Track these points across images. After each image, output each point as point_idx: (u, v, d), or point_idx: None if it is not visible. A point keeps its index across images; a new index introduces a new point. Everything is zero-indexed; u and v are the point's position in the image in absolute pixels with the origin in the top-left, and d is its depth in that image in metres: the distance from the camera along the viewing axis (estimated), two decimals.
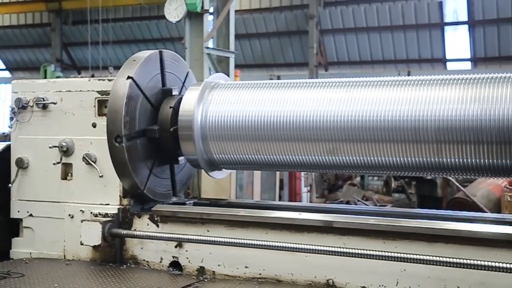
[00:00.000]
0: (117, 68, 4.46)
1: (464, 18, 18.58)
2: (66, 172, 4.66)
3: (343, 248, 3.70)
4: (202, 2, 12.10)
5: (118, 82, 4.24)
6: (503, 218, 4.49)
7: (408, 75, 17.74)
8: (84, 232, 4.35)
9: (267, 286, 3.89)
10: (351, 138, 3.85)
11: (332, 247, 3.71)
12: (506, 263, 3.27)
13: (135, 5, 21.93)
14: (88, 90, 4.64)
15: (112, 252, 4.43)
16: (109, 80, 4.51)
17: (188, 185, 5.08)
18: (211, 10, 13.11)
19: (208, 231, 4.20)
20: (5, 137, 7.16)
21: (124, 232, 4.39)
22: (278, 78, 20.07)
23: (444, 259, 3.41)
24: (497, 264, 3.29)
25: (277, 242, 3.87)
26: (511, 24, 17.71)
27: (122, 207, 4.48)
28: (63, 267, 4.40)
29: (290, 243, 3.84)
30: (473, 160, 3.60)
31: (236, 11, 14.88)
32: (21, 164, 4.74)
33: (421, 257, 3.48)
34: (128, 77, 4.20)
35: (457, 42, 18.92)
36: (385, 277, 3.66)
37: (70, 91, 4.70)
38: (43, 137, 4.70)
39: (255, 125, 4.10)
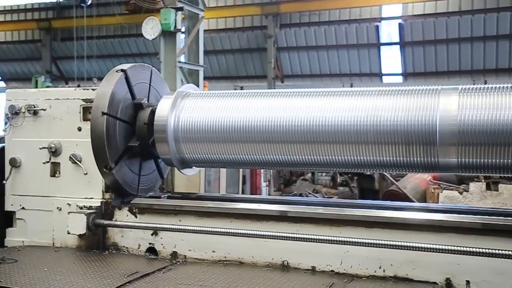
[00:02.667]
0: (100, 79, 4.41)
1: (396, 39, 18.90)
2: (55, 170, 4.59)
3: (296, 233, 3.73)
4: (175, 23, 12.07)
5: (95, 118, 4.15)
6: (428, 207, 4.60)
7: (351, 86, 17.96)
8: (71, 222, 4.29)
9: (232, 267, 3.88)
10: (303, 140, 3.88)
11: (286, 233, 3.75)
12: (430, 244, 3.36)
13: (116, 25, 21.68)
14: (74, 98, 4.57)
15: (96, 240, 4.37)
16: (93, 90, 4.45)
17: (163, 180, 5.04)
18: (183, 29, 13.06)
19: (180, 220, 4.17)
20: (0, 139, 6.97)
21: (106, 222, 4.33)
22: (241, 88, 20.07)
23: (380, 241, 3.48)
24: (423, 245, 3.38)
25: (240, 229, 3.89)
26: (433, 45, 18.14)
27: (104, 200, 4.42)
28: (52, 253, 4.32)
29: (251, 230, 3.85)
30: (404, 159, 3.68)
31: (204, 30, 14.83)
32: (14, 163, 4.66)
33: (361, 240, 3.54)
34: (102, 113, 4.12)
35: (391, 60, 19.25)
36: (331, 258, 3.70)
37: (58, 99, 4.63)
38: (34, 140, 4.61)
39: (222, 129, 4.09)
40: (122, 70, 4.31)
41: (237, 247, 3.96)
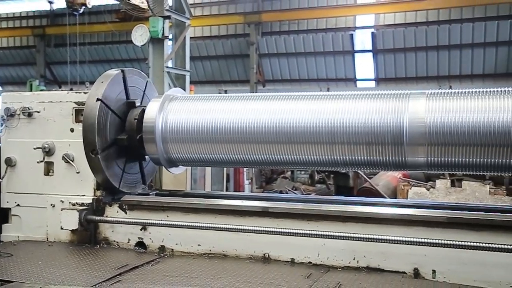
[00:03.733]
0: (93, 83, 4.37)
1: (369, 47, 19.03)
2: (48, 169, 4.54)
3: (276, 228, 3.73)
4: (163, 30, 12.03)
5: (89, 105, 4.12)
6: (398, 202, 4.64)
7: (328, 90, 18.06)
8: (64, 218, 4.24)
9: (216, 260, 3.87)
10: (283, 140, 3.89)
11: (267, 227, 3.75)
12: (400, 237, 3.39)
13: (107, 32, 21.49)
14: (67, 101, 4.53)
15: (88, 235, 4.33)
16: (85, 93, 4.41)
17: (151, 178, 5.01)
18: (170, 36, 13.02)
19: (167, 216, 4.15)
20: None
21: (98, 218, 4.29)
22: (225, 92, 20.06)
23: (354, 235, 3.50)
24: (393, 238, 3.41)
25: (224, 224, 3.88)
26: (403, 53, 18.32)
27: (96, 197, 4.38)
28: (46, 247, 4.28)
29: (235, 225, 3.85)
30: (376, 158, 3.70)
31: (191, 37, 14.77)
32: (10, 163, 4.60)
33: (337, 234, 3.55)
34: (97, 99, 4.10)
35: (364, 66, 19.38)
36: (309, 250, 3.71)
37: (51, 101, 4.58)
38: (28, 140, 4.56)
39: (207, 130, 4.08)
40: (122, 71, 4.33)
41: (221, 241, 3.95)
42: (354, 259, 3.59)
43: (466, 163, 3.50)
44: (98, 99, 4.08)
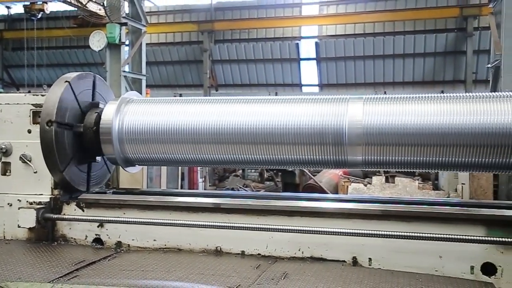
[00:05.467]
0: (50, 85, 4.20)
1: (313, 55, 19.38)
2: (5, 169, 4.31)
3: (228, 223, 3.72)
4: (120, 36, 11.80)
5: (44, 129, 3.93)
6: (339, 197, 4.73)
7: (276, 95, 18.22)
8: (21, 217, 4.04)
9: (171, 254, 3.82)
10: (234, 141, 3.86)
11: (219, 222, 3.72)
12: (340, 229, 3.45)
13: (65, 37, 20.79)
14: (24, 103, 4.32)
15: (45, 232, 4.14)
16: (42, 95, 4.23)
17: (108, 178, 4.87)
18: (127, 42, 12.78)
19: (124, 213, 4.05)
20: None
21: (55, 216, 4.13)
22: (180, 95, 19.83)
23: (300, 227, 3.53)
24: (334, 230, 3.46)
25: (178, 220, 3.82)
26: (343, 61, 18.77)
27: (53, 196, 4.20)
28: (3, 245, 4.07)
29: (188, 220, 3.80)
30: (319, 157, 3.74)
31: (147, 44, 14.55)
32: None
33: (284, 227, 3.58)
34: (66, 81, 3.97)
35: (309, 72, 19.71)
36: (258, 243, 3.72)
37: (8, 103, 4.35)
38: None
39: (162, 131, 4.01)
40: (67, 81, 4.11)
41: (176, 236, 3.90)
42: (299, 250, 3.63)
43: (398, 161, 3.60)
44: (51, 122, 3.90)
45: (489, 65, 9.72)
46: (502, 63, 8.60)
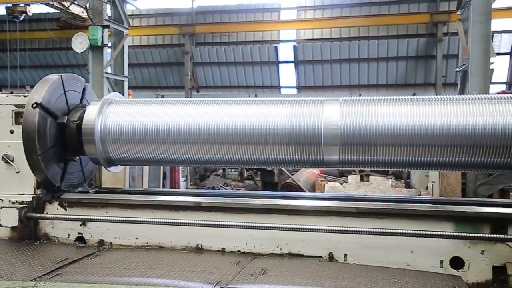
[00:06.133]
0: (33, 86, 4.11)
1: (292, 58, 19.46)
2: None
3: (208, 221, 3.70)
4: (102, 39, 11.64)
5: (28, 112, 3.82)
6: (316, 195, 4.76)
7: (255, 96, 18.24)
8: (3, 216, 3.98)
9: (153, 251, 3.78)
10: (215, 141, 3.84)
11: (200, 220, 3.71)
12: (317, 226, 3.48)
13: (48, 38, 20.39)
14: (6, 104, 4.22)
15: (28, 231, 4.07)
16: (25, 96, 4.14)
17: (91, 177, 4.80)
18: (109, 44, 12.62)
19: (106, 212, 4.00)
20: None
21: (38, 215, 4.05)
22: (162, 96, 19.67)
23: (278, 225, 3.55)
24: (311, 227, 3.48)
25: (160, 218, 3.79)
26: (320, 64, 18.90)
27: (36, 196, 4.12)
28: None
29: (170, 219, 3.77)
30: (297, 156, 3.74)
31: (129, 46, 14.40)
32: None
33: (263, 224, 3.58)
34: (36, 105, 3.81)
35: (287, 75, 19.78)
36: (238, 240, 3.72)
37: None
38: None
39: (144, 132, 3.96)
40: (60, 75, 4.09)
41: (158, 234, 3.87)
42: (277, 247, 3.64)
43: (372, 161, 3.64)
44: (36, 104, 3.81)
45: (458, 69, 9.91)
46: (469, 67, 8.78)
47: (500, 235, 3.26)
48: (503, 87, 17.47)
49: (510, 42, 17.34)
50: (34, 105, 3.83)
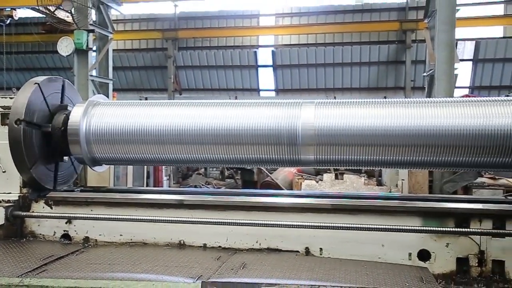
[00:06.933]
0: (19, 89, 4.01)
1: (270, 63, 19.51)
2: None
3: (190, 218, 3.69)
4: (87, 42, 11.46)
5: (12, 128, 3.76)
6: (293, 193, 4.78)
7: (235, 99, 18.20)
8: None
9: (137, 247, 3.75)
10: (196, 141, 3.82)
11: (183, 217, 3.69)
12: (294, 222, 3.49)
13: (34, 42, 19.96)
14: None
15: (14, 229, 3.98)
16: (11, 98, 4.05)
17: (76, 176, 4.72)
18: (94, 48, 12.43)
19: (91, 210, 3.94)
20: None
21: (24, 213, 3.97)
22: (146, 99, 19.47)
23: (257, 221, 3.55)
24: (289, 223, 3.49)
25: (144, 216, 3.76)
26: (298, 68, 19.01)
27: (22, 194, 4.04)
28: None
29: (153, 216, 3.74)
30: (275, 156, 3.75)
31: (114, 50, 14.22)
32: None
33: (243, 221, 3.58)
34: (19, 121, 3.75)
35: (266, 78, 19.82)
36: (219, 236, 3.71)
37: None
38: None
39: (127, 132, 3.92)
40: (36, 83, 3.96)
41: (141, 231, 3.83)
42: (257, 242, 3.65)
43: (346, 160, 3.68)
44: (19, 121, 3.73)
45: (425, 74, 10.09)
46: (435, 72, 8.95)
47: (463, 229, 3.34)
48: (466, 91, 17.89)
49: (472, 49, 17.76)
50: (18, 122, 3.75)
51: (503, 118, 3.32)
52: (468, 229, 3.34)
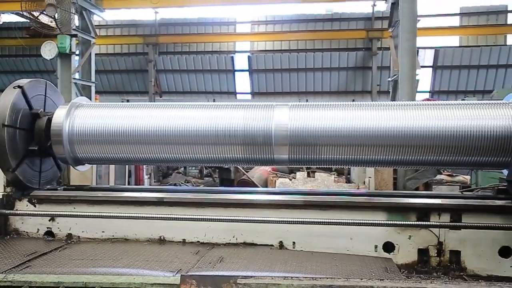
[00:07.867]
0: (3, 91, 3.88)
1: (246, 67, 19.51)
2: None
3: (170, 215, 3.65)
4: (70, 47, 11.21)
5: (7, 91, 3.67)
6: (268, 190, 4.79)
7: (213, 101, 18.12)
8: None
9: (118, 243, 3.68)
10: (177, 141, 3.78)
11: (163, 214, 3.65)
12: (269, 217, 3.50)
13: (18, 46, 19.37)
14: None
15: None
16: None
17: (59, 175, 4.60)
18: (77, 52, 12.17)
19: (74, 208, 3.86)
20: None
21: (7, 211, 3.85)
22: (127, 101, 19.17)
23: (234, 217, 3.53)
24: (264, 218, 3.50)
25: (125, 213, 3.69)
26: (272, 73, 19.08)
27: (6, 193, 3.91)
28: None
29: (134, 213, 3.68)
30: (251, 155, 3.75)
31: (96, 54, 13.94)
32: None
33: (220, 217, 3.56)
34: (3, 125, 3.63)
35: (243, 82, 19.82)
36: (197, 232, 3.69)
37: None
38: None
39: (109, 133, 3.85)
40: (19, 86, 3.83)
41: (123, 227, 3.77)
42: (233, 237, 3.64)
43: (317, 159, 3.71)
44: (3, 125, 3.63)
45: (390, 79, 10.28)
46: (399, 77, 9.13)
47: (424, 222, 3.42)
48: (427, 95, 18.35)
49: (432, 56, 18.22)
50: (1, 126, 3.64)
51: (460, 120, 3.42)
52: (428, 222, 3.43)
